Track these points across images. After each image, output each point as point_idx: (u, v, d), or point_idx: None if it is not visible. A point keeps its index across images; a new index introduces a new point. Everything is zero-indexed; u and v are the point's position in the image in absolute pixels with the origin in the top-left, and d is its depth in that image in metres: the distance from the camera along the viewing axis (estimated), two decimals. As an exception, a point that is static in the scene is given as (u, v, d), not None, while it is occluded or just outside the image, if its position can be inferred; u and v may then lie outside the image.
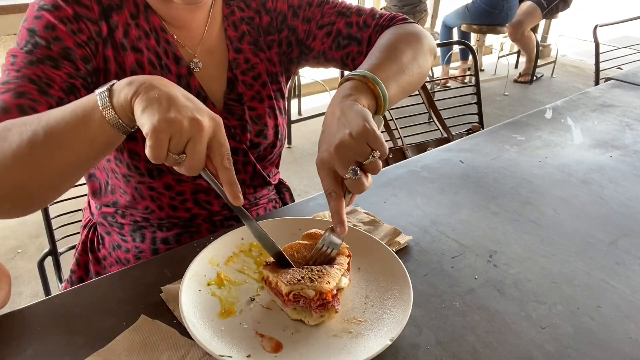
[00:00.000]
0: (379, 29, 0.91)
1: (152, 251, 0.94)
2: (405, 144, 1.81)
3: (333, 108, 0.69)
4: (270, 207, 1.05)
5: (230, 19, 0.92)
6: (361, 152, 0.62)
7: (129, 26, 0.81)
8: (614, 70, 2.26)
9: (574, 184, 1.07)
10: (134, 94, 0.58)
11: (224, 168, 0.61)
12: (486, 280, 0.77)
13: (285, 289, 0.64)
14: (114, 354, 0.62)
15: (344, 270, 0.68)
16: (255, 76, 0.93)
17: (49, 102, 0.71)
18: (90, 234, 1.01)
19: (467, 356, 0.63)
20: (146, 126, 0.56)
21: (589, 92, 1.65)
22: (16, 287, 2.05)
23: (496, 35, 4.46)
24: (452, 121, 1.86)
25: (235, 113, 0.91)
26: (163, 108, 0.56)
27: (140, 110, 0.57)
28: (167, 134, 0.55)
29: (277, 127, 0.97)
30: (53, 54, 0.73)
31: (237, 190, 0.61)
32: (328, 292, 0.63)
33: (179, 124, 0.56)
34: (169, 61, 0.85)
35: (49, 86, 0.72)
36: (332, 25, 0.93)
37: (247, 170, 0.95)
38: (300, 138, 3.47)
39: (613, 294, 0.75)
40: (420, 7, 3.81)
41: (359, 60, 0.92)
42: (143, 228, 0.93)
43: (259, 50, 0.94)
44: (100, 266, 1.00)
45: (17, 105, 0.68)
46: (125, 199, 0.91)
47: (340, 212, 0.65)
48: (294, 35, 0.95)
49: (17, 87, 0.70)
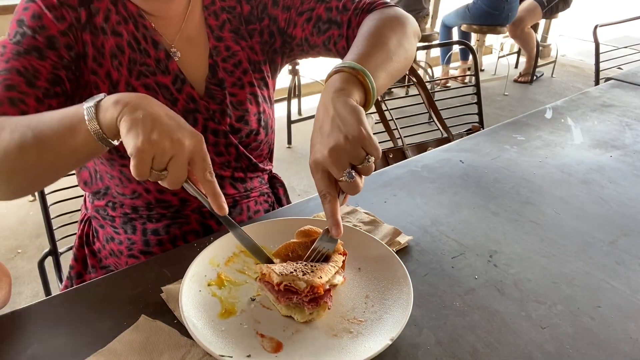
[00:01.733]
0: (358, 12, 0.91)
1: (144, 242, 0.94)
2: (405, 144, 1.81)
3: (325, 103, 0.68)
4: (261, 201, 1.05)
5: (210, 8, 0.93)
6: (356, 156, 0.63)
7: (110, 11, 0.84)
8: (614, 70, 2.26)
9: (574, 184, 1.07)
10: (119, 114, 0.61)
11: (207, 181, 0.64)
12: (486, 280, 0.77)
13: (277, 279, 0.64)
14: (114, 354, 0.62)
15: (338, 268, 0.69)
16: (235, 63, 0.94)
17: (35, 94, 0.76)
18: (86, 227, 1.02)
19: (467, 356, 0.63)
20: (130, 146, 0.59)
21: (589, 92, 1.65)
22: (16, 287, 2.05)
23: (496, 35, 4.46)
24: (452, 121, 1.86)
25: (216, 97, 0.92)
26: (147, 129, 0.59)
27: (125, 130, 0.60)
28: (149, 154, 0.59)
29: (260, 115, 0.97)
30: (38, 44, 0.78)
31: (222, 200, 0.65)
32: (320, 286, 0.63)
33: (161, 145, 0.59)
34: (148, 45, 0.87)
35: (35, 78, 0.77)
36: (311, 11, 0.93)
37: (230, 151, 0.95)
38: (300, 138, 3.47)
39: (613, 294, 0.75)
40: (423, 12, 3.82)
41: (341, 44, 0.93)
42: (133, 220, 0.94)
43: (240, 39, 0.95)
44: (95, 259, 1.01)
45: (8, 98, 0.74)
46: (115, 184, 0.92)
47: (335, 214, 0.66)
48: (275, 24, 0.96)
49: (5, 79, 0.75)
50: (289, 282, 0.64)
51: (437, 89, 4.15)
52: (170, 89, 0.88)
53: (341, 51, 0.94)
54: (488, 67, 4.99)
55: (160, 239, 0.94)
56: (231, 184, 0.97)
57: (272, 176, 1.13)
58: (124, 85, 0.85)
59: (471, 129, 1.93)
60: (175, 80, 0.88)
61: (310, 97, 4.04)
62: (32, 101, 0.76)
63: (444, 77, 4.32)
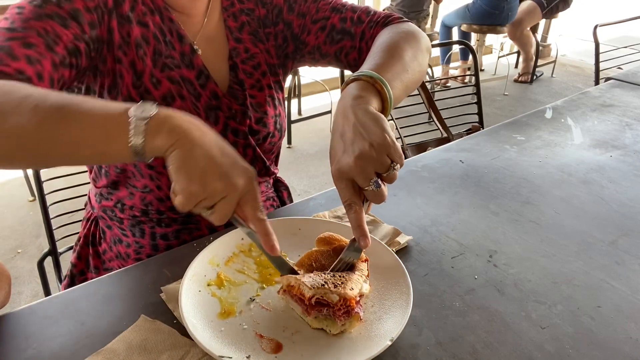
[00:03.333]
0: (373, 25, 0.92)
1: (152, 247, 0.94)
2: (405, 144, 1.81)
3: (344, 111, 0.67)
4: (267, 205, 1.05)
5: (230, 10, 0.93)
6: (382, 164, 0.62)
7: (136, 2, 0.83)
8: (614, 70, 2.26)
9: (574, 184, 1.07)
10: (171, 145, 0.57)
11: (258, 219, 0.62)
12: (486, 280, 0.77)
13: (309, 293, 0.63)
14: (114, 354, 0.62)
15: (364, 277, 0.68)
16: (255, 65, 0.95)
17: (52, 58, 0.71)
18: (92, 227, 1.01)
19: (467, 356, 0.63)
20: (180, 185, 0.57)
21: (589, 92, 1.65)
22: (16, 287, 2.05)
23: (496, 35, 4.46)
24: (452, 121, 1.86)
25: (238, 97, 0.92)
26: (200, 171, 0.56)
27: (176, 166, 0.57)
28: (199, 197, 0.57)
29: (276, 117, 0.98)
30: (62, 12, 0.73)
31: (274, 240, 0.63)
32: (352, 299, 0.62)
33: (213, 188, 0.57)
34: (173, 39, 0.86)
35: (55, 43, 0.71)
36: (326, 20, 0.94)
37: (247, 153, 0.95)
38: (301, 138, 3.47)
39: (613, 294, 0.75)
40: (424, 13, 3.85)
41: (352, 56, 0.94)
42: (142, 223, 0.93)
43: (259, 41, 0.95)
44: (99, 260, 1.00)
45: (26, 55, 0.68)
46: (125, 175, 0.89)
47: (362, 224, 0.64)
48: (289, 29, 0.97)
49: (24, 36, 0.69)
50: (321, 295, 0.63)
51: (437, 89, 4.15)
52: (194, 84, 0.88)
53: (352, 63, 0.95)
54: (488, 67, 4.99)
55: (169, 244, 0.93)
56: None
57: (276, 179, 1.13)
58: (148, 76, 0.83)
59: (471, 129, 1.92)
60: (200, 75, 0.88)
61: (310, 97, 4.04)
62: (49, 64, 0.70)
63: (444, 77, 4.31)
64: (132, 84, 0.83)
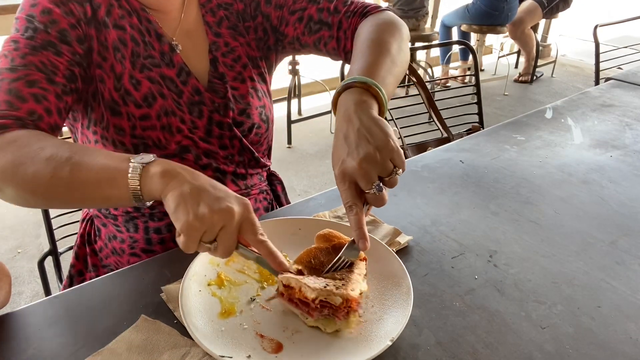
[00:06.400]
0: (350, 15, 0.93)
1: (146, 241, 0.95)
2: (405, 144, 1.81)
3: (347, 115, 0.68)
4: (261, 198, 1.05)
5: (207, 6, 0.95)
6: (385, 168, 0.63)
7: (112, 6, 0.85)
8: (614, 70, 2.26)
9: (574, 183, 1.07)
10: (165, 188, 0.61)
11: (260, 242, 0.64)
12: (486, 280, 0.77)
13: (312, 295, 0.63)
14: (114, 354, 0.62)
15: (362, 276, 0.68)
16: (235, 58, 0.96)
17: (55, 90, 0.76)
18: (88, 226, 1.03)
19: (467, 356, 0.63)
20: (180, 223, 0.59)
21: (589, 92, 1.65)
22: (16, 287, 2.05)
23: (496, 35, 4.46)
24: (452, 121, 1.86)
25: (218, 91, 0.93)
26: (195, 203, 0.59)
27: (173, 206, 0.60)
28: (200, 231, 0.59)
29: (261, 108, 0.99)
30: (52, 38, 0.78)
31: (280, 257, 0.65)
32: (354, 300, 0.63)
33: (211, 219, 0.59)
34: (152, 39, 0.88)
35: (54, 74, 0.77)
36: (303, 10, 0.95)
37: (234, 144, 0.96)
38: (301, 138, 3.47)
39: (613, 294, 0.75)
40: (423, 12, 3.82)
41: (331, 45, 0.95)
42: (135, 218, 0.94)
43: (239, 35, 0.97)
44: (97, 258, 1.02)
45: (32, 94, 0.74)
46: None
47: (362, 226, 0.65)
48: (268, 22, 0.98)
49: (26, 74, 0.74)
50: (324, 297, 0.63)
51: (437, 89, 4.15)
52: (175, 81, 0.89)
53: (331, 51, 0.96)
54: (488, 67, 4.98)
55: (162, 237, 0.95)
56: (232, 181, 0.98)
57: (270, 174, 1.14)
58: (127, 78, 0.85)
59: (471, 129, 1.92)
60: (180, 72, 0.89)
61: (310, 97, 4.04)
62: (53, 97, 0.76)
63: (444, 77, 4.31)
64: (114, 87, 0.85)
